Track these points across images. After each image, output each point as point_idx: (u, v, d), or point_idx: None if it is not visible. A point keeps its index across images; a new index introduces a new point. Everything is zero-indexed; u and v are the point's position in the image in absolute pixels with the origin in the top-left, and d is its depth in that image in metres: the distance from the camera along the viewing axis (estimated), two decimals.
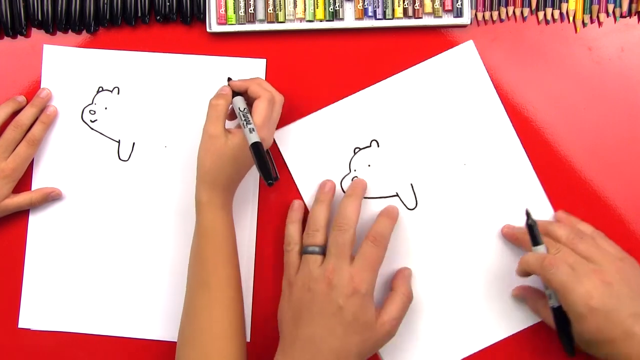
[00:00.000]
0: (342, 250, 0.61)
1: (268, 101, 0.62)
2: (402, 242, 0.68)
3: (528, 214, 0.60)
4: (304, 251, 0.64)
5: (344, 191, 0.68)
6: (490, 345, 0.67)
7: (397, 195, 0.68)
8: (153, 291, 0.70)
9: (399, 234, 0.68)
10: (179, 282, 0.68)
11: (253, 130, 0.59)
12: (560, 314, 0.58)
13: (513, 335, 0.67)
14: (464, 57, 0.68)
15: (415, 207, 0.68)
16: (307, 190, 0.69)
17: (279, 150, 0.69)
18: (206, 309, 0.62)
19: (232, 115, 0.67)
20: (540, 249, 0.60)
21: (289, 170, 0.69)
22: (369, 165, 0.69)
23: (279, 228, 0.69)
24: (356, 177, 0.68)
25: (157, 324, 0.70)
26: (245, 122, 0.60)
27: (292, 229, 0.66)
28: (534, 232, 0.60)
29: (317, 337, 0.60)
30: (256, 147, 0.58)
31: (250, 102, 0.64)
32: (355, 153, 0.69)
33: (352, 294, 0.60)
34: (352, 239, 0.62)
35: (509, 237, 0.66)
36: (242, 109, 0.62)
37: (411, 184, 0.68)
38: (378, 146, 0.69)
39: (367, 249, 0.62)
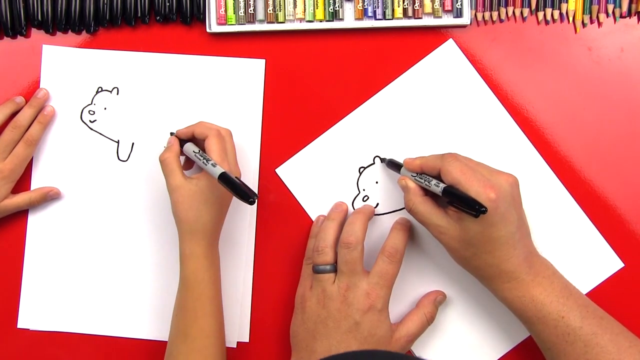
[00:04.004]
0: (353, 268, 0.61)
1: (217, 137, 0.63)
2: (421, 250, 0.68)
3: (382, 159, 0.68)
4: (315, 270, 0.63)
5: None
6: (511, 350, 0.67)
7: None
8: (153, 291, 0.70)
9: (417, 243, 0.68)
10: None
11: (215, 164, 0.60)
12: (450, 191, 0.57)
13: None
14: (448, 57, 0.68)
15: None
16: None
17: (286, 185, 0.69)
18: (186, 359, 0.62)
19: (187, 165, 0.68)
20: (404, 171, 0.64)
21: (297, 200, 0.69)
22: (377, 182, 0.69)
23: (278, 228, 0.69)
24: (367, 196, 0.68)
25: (157, 324, 0.70)
26: (204, 161, 0.61)
27: (312, 244, 0.66)
28: (394, 162, 0.66)
29: (332, 351, 0.60)
30: (224, 176, 0.57)
31: (200, 146, 0.64)
32: (360, 173, 0.69)
33: (368, 309, 0.60)
34: (361, 255, 0.62)
35: (414, 168, 0.63)
36: (196, 151, 0.63)
37: None
38: (382, 162, 0.69)
39: (383, 266, 0.62)
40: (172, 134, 0.67)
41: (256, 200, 0.55)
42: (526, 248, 0.60)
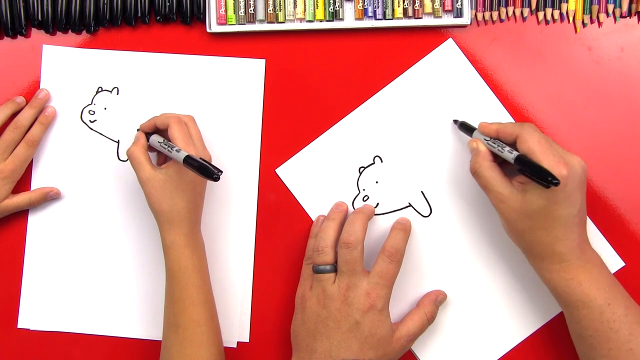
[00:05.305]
0: (354, 268, 0.61)
1: (178, 124, 0.63)
2: (421, 250, 0.68)
3: (455, 120, 0.67)
4: (315, 270, 0.63)
5: None
6: (511, 350, 0.67)
7: (410, 205, 0.68)
8: (154, 291, 0.70)
9: (417, 242, 0.68)
10: None
11: (179, 150, 0.60)
12: (523, 159, 0.57)
13: (533, 334, 0.67)
14: (448, 57, 0.68)
15: (430, 213, 0.68)
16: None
17: (286, 185, 0.69)
18: (179, 349, 0.63)
19: (160, 158, 0.68)
20: (477, 134, 0.63)
21: (297, 200, 0.69)
22: (377, 182, 0.69)
23: (278, 228, 0.69)
24: (367, 196, 0.68)
25: (159, 323, 0.69)
26: (169, 149, 0.61)
27: (312, 244, 0.66)
28: (466, 125, 0.65)
29: (333, 351, 0.60)
30: (188, 159, 0.59)
31: (166, 136, 0.64)
32: (360, 173, 0.69)
33: (368, 309, 0.60)
34: (361, 255, 0.62)
35: (490, 132, 0.62)
36: (161, 141, 0.63)
37: (422, 192, 0.68)
38: (382, 161, 0.69)
39: (383, 265, 0.62)
40: (139, 130, 0.67)
41: (220, 176, 0.56)
42: (581, 235, 0.59)
